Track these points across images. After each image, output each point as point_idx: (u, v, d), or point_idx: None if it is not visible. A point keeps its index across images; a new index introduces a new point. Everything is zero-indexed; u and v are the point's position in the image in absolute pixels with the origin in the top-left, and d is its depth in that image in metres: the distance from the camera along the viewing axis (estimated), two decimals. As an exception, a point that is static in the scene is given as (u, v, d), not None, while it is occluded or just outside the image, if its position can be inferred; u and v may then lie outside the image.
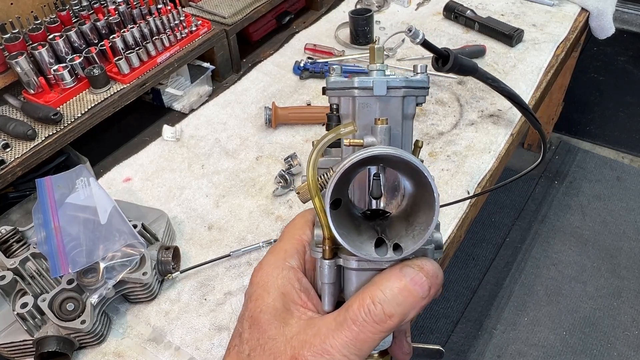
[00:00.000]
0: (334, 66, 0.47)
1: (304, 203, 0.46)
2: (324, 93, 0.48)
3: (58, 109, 1.30)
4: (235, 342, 0.44)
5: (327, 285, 0.44)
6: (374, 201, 0.45)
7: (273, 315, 0.42)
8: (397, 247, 0.41)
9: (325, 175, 0.47)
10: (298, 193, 0.45)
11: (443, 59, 0.59)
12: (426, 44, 0.56)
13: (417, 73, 0.46)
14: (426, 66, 0.46)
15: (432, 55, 0.59)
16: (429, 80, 0.46)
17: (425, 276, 0.41)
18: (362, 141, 0.43)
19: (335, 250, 0.43)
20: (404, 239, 0.41)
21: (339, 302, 0.45)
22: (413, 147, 0.48)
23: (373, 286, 0.41)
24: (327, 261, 0.43)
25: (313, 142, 0.44)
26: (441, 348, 0.54)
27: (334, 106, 0.47)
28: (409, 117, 0.45)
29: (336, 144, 0.47)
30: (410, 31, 0.55)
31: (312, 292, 0.46)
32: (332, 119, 0.47)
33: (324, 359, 0.39)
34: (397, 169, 0.44)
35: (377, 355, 0.48)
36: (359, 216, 0.46)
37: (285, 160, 1.28)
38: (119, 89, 1.37)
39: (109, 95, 1.35)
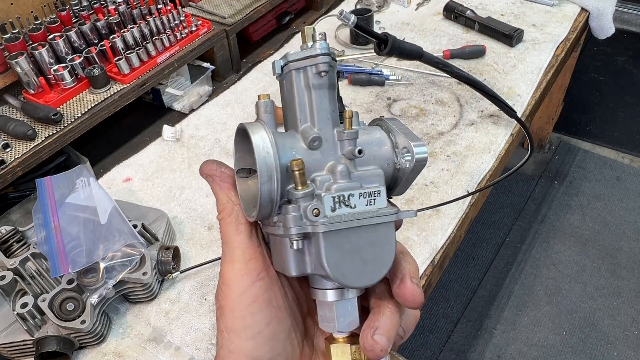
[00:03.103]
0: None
1: None
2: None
3: (58, 109, 1.30)
4: None
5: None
6: None
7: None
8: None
9: None
10: None
11: (382, 43, 0.59)
12: (360, 27, 0.56)
13: (315, 41, 0.44)
14: (325, 34, 0.44)
15: (374, 41, 0.60)
16: (328, 47, 0.43)
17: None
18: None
19: None
20: None
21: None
22: (345, 118, 0.44)
23: None
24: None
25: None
26: None
27: None
28: (313, 87, 0.43)
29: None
30: (342, 14, 0.55)
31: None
32: None
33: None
34: None
35: (342, 339, 0.42)
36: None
37: (285, 160, 1.27)
38: (119, 89, 1.37)
39: (109, 95, 1.35)
